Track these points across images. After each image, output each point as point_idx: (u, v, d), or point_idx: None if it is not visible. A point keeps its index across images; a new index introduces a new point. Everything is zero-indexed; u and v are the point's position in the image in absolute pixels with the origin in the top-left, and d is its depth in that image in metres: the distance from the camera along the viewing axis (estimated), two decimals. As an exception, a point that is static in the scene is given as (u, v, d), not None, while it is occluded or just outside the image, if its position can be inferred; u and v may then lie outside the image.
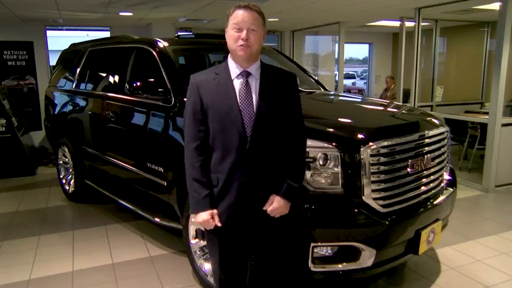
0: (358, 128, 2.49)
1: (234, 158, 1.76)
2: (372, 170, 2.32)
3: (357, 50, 28.44)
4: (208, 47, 4.06)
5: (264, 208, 1.81)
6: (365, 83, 15.88)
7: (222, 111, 1.76)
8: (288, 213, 1.87)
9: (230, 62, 1.84)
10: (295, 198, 1.87)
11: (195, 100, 1.82)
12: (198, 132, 1.82)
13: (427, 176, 2.63)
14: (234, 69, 1.81)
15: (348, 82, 18.83)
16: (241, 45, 1.74)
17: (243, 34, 1.73)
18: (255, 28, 1.75)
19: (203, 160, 1.81)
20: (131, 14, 6.56)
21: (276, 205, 1.81)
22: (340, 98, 3.92)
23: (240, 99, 1.77)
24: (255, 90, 1.79)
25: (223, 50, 1.86)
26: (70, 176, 4.77)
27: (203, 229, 1.94)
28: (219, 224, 1.80)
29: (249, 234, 1.86)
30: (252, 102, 1.77)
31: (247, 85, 1.79)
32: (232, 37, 1.76)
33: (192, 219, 1.86)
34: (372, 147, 2.33)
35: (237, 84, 1.79)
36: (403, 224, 2.44)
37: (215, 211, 1.81)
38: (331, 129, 2.46)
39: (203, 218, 1.80)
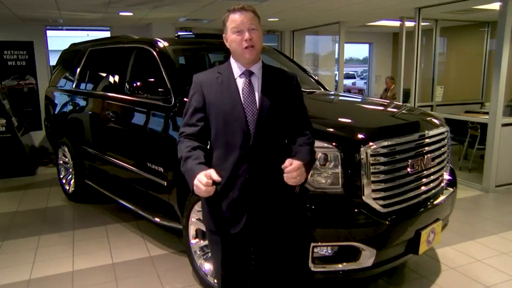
0: (358, 128, 2.49)
1: (237, 155, 1.77)
2: (372, 170, 2.32)
3: (357, 50, 28.41)
4: (208, 47, 4.06)
5: (283, 166, 1.67)
6: (365, 83, 15.89)
7: (225, 109, 1.78)
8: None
9: (233, 62, 1.86)
10: (309, 171, 1.78)
11: (198, 98, 1.84)
12: (196, 128, 1.83)
13: (427, 176, 2.63)
14: (236, 68, 1.84)
15: (348, 82, 18.83)
16: (247, 47, 1.75)
17: (246, 35, 1.75)
18: (254, 27, 1.77)
19: (198, 145, 1.80)
20: (131, 14, 6.56)
21: (295, 165, 1.65)
22: (340, 98, 3.92)
23: (243, 97, 1.79)
24: (258, 88, 1.82)
25: (223, 50, 1.87)
26: (70, 176, 4.77)
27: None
28: (219, 178, 1.66)
29: (252, 232, 1.86)
30: (255, 100, 1.79)
31: (250, 84, 1.82)
32: (235, 41, 1.78)
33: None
34: (372, 147, 2.33)
35: (240, 83, 1.82)
36: (403, 224, 2.44)
37: (211, 169, 1.68)
38: (331, 129, 2.46)
39: (200, 180, 1.63)
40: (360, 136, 2.37)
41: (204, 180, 1.62)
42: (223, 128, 1.78)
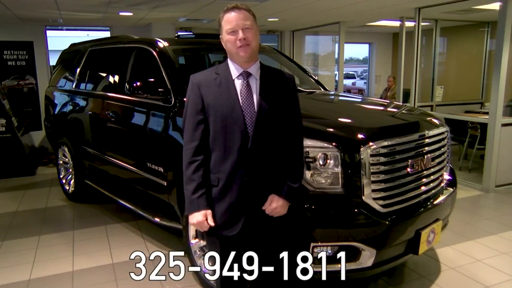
0: (358, 128, 2.49)
1: (235, 158, 1.76)
2: (372, 170, 2.32)
3: (357, 50, 28.37)
4: (208, 47, 4.06)
5: (263, 208, 1.82)
6: (365, 83, 15.89)
7: (224, 111, 1.77)
8: (288, 213, 1.87)
9: (230, 63, 1.85)
10: (294, 198, 1.88)
11: (196, 100, 1.82)
12: (197, 133, 1.82)
13: (427, 176, 2.63)
14: (234, 69, 1.82)
15: (348, 82, 18.83)
16: (241, 46, 1.74)
17: (240, 35, 1.74)
18: (249, 26, 1.76)
19: (201, 160, 1.81)
20: (131, 14, 6.56)
21: (274, 205, 1.82)
22: (340, 98, 3.91)
23: (241, 99, 1.78)
24: (256, 90, 1.80)
25: (223, 50, 1.86)
26: (70, 176, 4.77)
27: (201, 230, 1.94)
28: (212, 224, 1.80)
29: (250, 234, 1.86)
30: (253, 101, 1.78)
31: (248, 85, 1.80)
32: (229, 41, 1.77)
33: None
34: (372, 147, 2.33)
35: (238, 84, 1.81)
36: (403, 224, 2.44)
37: (209, 211, 1.80)
38: (331, 129, 2.46)
39: (197, 219, 1.80)
40: (360, 136, 2.37)
41: (203, 227, 1.82)
42: (221, 129, 1.77)
